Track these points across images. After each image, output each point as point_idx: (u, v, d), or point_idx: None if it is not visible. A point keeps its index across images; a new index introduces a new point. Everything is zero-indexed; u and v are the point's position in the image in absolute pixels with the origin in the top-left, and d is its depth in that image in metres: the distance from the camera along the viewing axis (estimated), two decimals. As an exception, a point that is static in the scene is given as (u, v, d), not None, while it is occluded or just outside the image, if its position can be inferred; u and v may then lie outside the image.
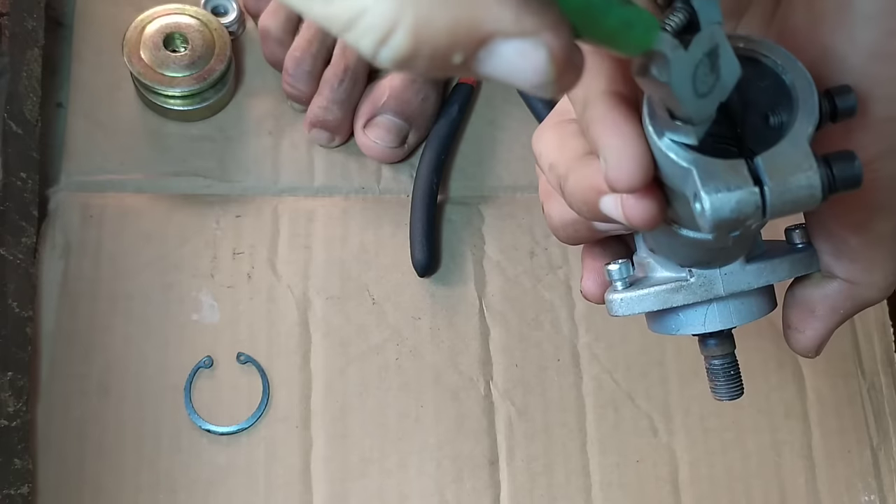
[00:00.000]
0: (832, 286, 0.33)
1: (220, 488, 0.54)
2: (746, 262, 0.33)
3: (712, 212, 0.25)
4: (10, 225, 0.54)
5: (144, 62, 0.58)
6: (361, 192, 0.61)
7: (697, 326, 0.35)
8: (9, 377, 0.51)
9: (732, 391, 0.38)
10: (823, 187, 0.25)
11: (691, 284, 0.33)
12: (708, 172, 0.25)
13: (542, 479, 0.56)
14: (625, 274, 0.34)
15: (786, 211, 0.25)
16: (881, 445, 0.59)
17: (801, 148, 0.25)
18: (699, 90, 0.25)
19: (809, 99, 0.26)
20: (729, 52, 0.25)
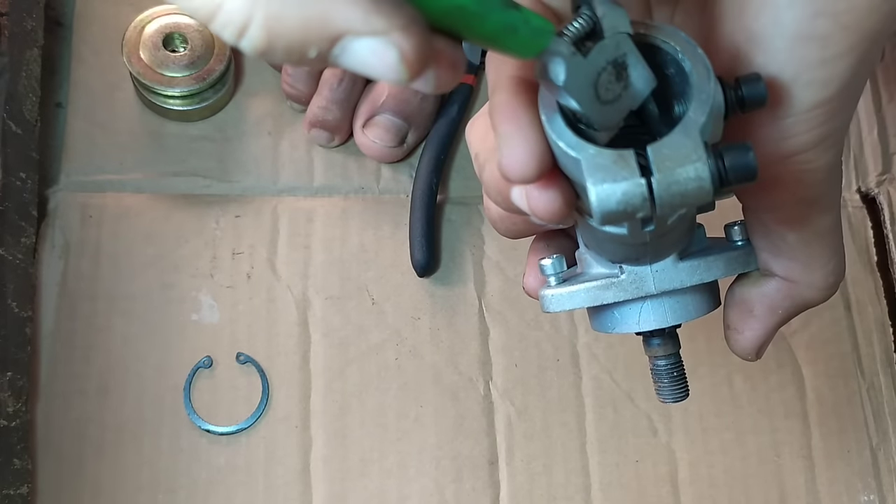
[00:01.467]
0: (771, 285, 0.32)
1: (220, 488, 0.54)
2: (680, 259, 0.32)
3: (598, 203, 0.24)
4: (9, 225, 0.54)
5: (144, 62, 0.58)
6: (361, 191, 0.61)
7: (632, 325, 0.33)
8: (8, 377, 0.51)
9: (677, 393, 0.36)
10: (713, 179, 0.24)
11: (622, 281, 0.32)
12: (596, 163, 0.24)
13: (542, 479, 0.56)
14: (557, 269, 0.33)
15: (676, 204, 0.25)
16: (880, 445, 0.59)
17: (692, 138, 0.24)
18: (602, 97, 0.25)
19: (705, 87, 0.25)
20: (640, 62, 0.25)
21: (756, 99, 0.26)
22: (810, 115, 0.27)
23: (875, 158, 0.66)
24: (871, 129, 0.67)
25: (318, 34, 0.20)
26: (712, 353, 0.60)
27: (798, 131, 0.27)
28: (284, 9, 0.20)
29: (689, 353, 0.59)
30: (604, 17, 0.24)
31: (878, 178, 0.66)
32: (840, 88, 0.26)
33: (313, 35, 0.20)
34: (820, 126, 0.27)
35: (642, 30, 0.26)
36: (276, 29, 0.20)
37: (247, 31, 0.20)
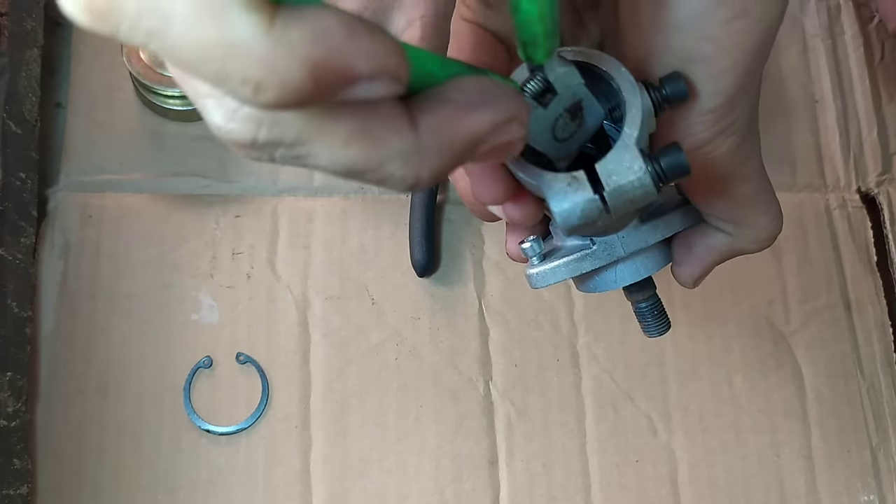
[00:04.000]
0: (714, 237, 0.37)
1: (220, 488, 0.54)
2: (641, 222, 0.36)
3: (563, 221, 0.28)
4: (9, 225, 0.54)
5: (144, 62, 0.58)
6: (360, 192, 0.61)
7: (611, 284, 0.38)
8: (8, 377, 0.51)
9: (661, 327, 0.41)
10: (655, 183, 0.28)
11: (595, 251, 0.36)
12: (554, 188, 0.28)
13: (542, 479, 0.56)
14: (537, 250, 0.37)
15: (629, 208, 0.28)
16: (880, 445, 0.59)
17: (630, 151, 0.28)
18: (559, 137, 0.29)
19: (634, 102, 0.28)
20: (593, 102, 0.29)
21: (678, 95, 0.29)
22: (704, 119, 0.31)
23: (875, 158, 0.66)
24: (870, 130, 0.67)
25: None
26: (712, 353, 0.60)
27: (696, 131, 0.31)
28: None
29: (689, 354, 0.59)
30: (556, 79, 0.27)
31: (877, 178, 0.66)
32: (728, 97, 0.30)
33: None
34: (714, 125, 0.31)
35: (580, 57, 0.29)
36: (441, 171, 0.22)
37: (418, 185, 0.22)
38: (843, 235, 0.64)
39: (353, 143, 0.21)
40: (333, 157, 0.21)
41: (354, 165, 0.21)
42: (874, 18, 0.70)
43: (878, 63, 0.69)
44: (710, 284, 0.61)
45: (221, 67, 0.18)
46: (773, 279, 0.62)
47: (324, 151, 0.21)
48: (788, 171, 0.65)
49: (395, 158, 0.21)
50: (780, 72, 0.68)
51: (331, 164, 0.21)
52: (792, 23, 0.70)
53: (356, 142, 0.21)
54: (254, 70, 0.18)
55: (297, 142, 0.20)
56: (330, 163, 0.21)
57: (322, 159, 0.21)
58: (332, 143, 0.21)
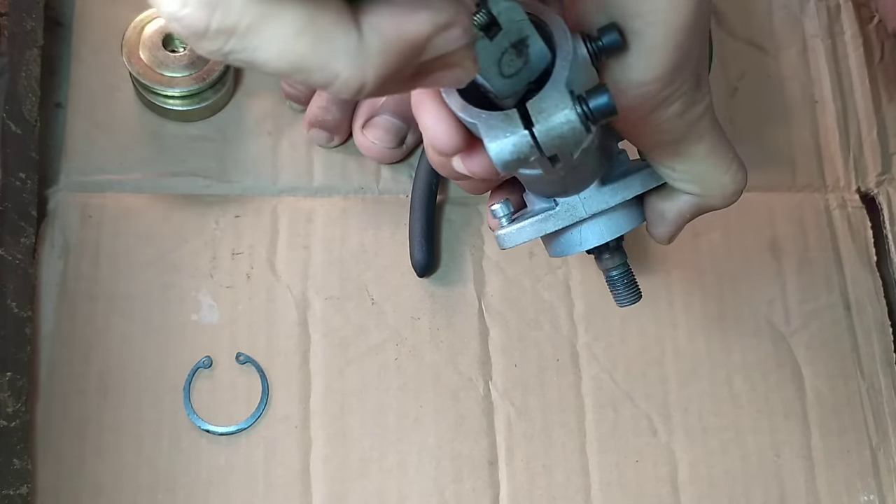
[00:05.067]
0: (679, 198, 0.38)
1: (220, 488, 0.54)
2: (602, 184, 0.37)
3: (495, 155, 0.30)
4: (9, 225, 0.54)
5: (144, 62, 0.58)
6: (360, 192, 0.61)
7: (577, 246, 0.39)
8: (8, 377, 0.51)
9: (631, 296, 0.42)
10: (582, 121, 0.29)
11: (557, 212, 0.38)
12: (489, 125, 0.30)
13: (542, 479, 0.56)
14: (505, 212, 0.39)
15: (560, 145, 0.30)
16: (880, 446, 0.59)
17: (559, 90, 0.29)
18: (505, 72, 0.30)
19: (564, 46, 0.30)
20: (538, 42, 0.30)
21: (613, 45, 0.30)
22: (645, 90, 0.32)
23: (874, 158, 0.66)
24: (870, 130, 0.67)
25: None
26: (712, 354, 0.60)
27: (640, 101, 0.33)
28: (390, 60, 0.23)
29: (689, 354, 0.59)
30: (499, 13, 0.28)
31: (877, 179, 0.66)
32: (665, 69, 0.32)
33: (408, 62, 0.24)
34: (656, 94, 0.32)
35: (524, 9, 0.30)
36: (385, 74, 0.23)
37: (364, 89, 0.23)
38: (842, 235, 0.64)
39: (302, 35, 0.21)
40: (282, 50, 0.21)
41: (301, 60, 0.22)
42: (874, 18, 0.70)
43: (877, 63, 0.69)
44: (710, 285, 0.61)
45: None
46: (773, 279, 0.62)
47: (273, 43, 0.21)
48: (788, 171, 0.65)
49: (341, 56, 0.22)
50: (780, 72, 0.68)
51: (278, 59, 0.22)
52: (792, 23, 0.70)
53: (304, 34, 0.21)
54: None
55: (249, 29, 0.21)
56: (278, 57, 0.22)
57: (271, 52, 0.21)
58: (283, 33, 0.21)
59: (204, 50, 0.21)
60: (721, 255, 0.62)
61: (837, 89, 0.68)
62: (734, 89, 0.67)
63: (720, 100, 0.66)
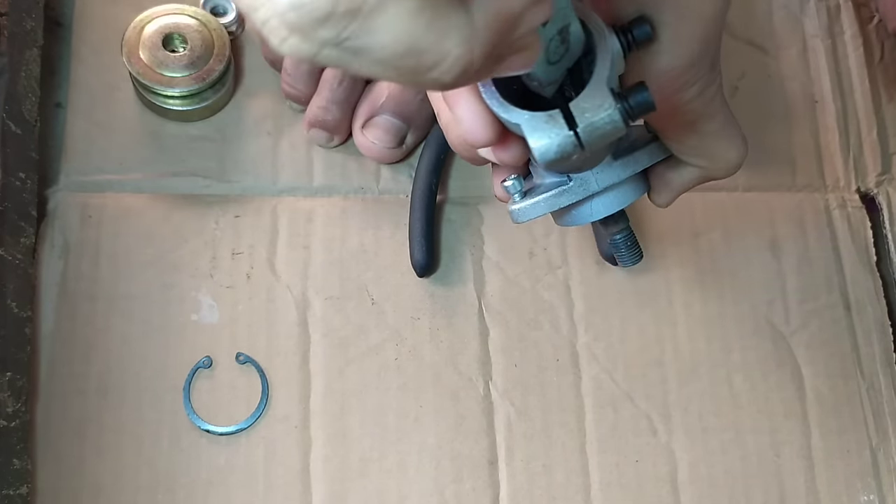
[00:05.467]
0: (687, 170, 0.40)
1: (220, 488, 0.54)
2: (613, 159, 0.39)
3: (540, 156, 0.31)
4: (9, 225, 0.54)
5: (143, 62, 0.58)
6: (360, 192, 0.61)
7: (587, 217, 0.41)
8: (8, 377, 0.51)
9: (634, 257, 0.44)
10: (624, 118, 0.30)
11: (571, 187, 0.39)
12: (532, 126, 0.31)
13: (542, 479, 0.56)
14: (518, 188, 0.40)
15: (601, 142, 0.31)
16: (880, 445, 0.59)
17: (601, 90, 0.30)
18: (551, 59, 0.31)
19: (604, 46, 0.31)
20: (577, 27, 0.30)
21: (644, 37, 0.31)
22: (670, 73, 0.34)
23: (874, 158, 0.66)
24: (870, 130, 0.67)
25: None
26: (712, 354, 0.60)
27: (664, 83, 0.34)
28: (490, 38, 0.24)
29: (689, 354, 0.59)
30: None
31: (877, 179, 0.66)
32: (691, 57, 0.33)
33: None
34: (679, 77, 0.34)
35: None
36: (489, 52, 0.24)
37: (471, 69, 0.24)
38: (842, 235, 0.64)
39: (420, 13, 0.22)
40: (399, 31, 0.22)
41: (416, 40, 0.22)
42: (874, 18, 0.70)
43: (877, 63, 0.69)
44: (710, 284, 0.61)
45: None
46: (773, 279, 0.62)
47: (393, 23, 0.22)
48: (788, 171, 0.65)
49: (453, 34, 0.23)
50: (780, 72, 0.68)
51: (395, 41, 0.22)
52: (792, 23, 0.70)
53: (423, 12, 0.22)
54: None
55: (374, 9, 0.21)
56: (395, 39, 0.22)
57: (389, 34, 0.22)
58: (403, 12, 0.22)
59: (314, 40, 0.21)
60: (721, 254, 0.62)
61: (837, 89, 0.68)
62: (734, 89, 0.67)
63: (720, 100, 0.66)
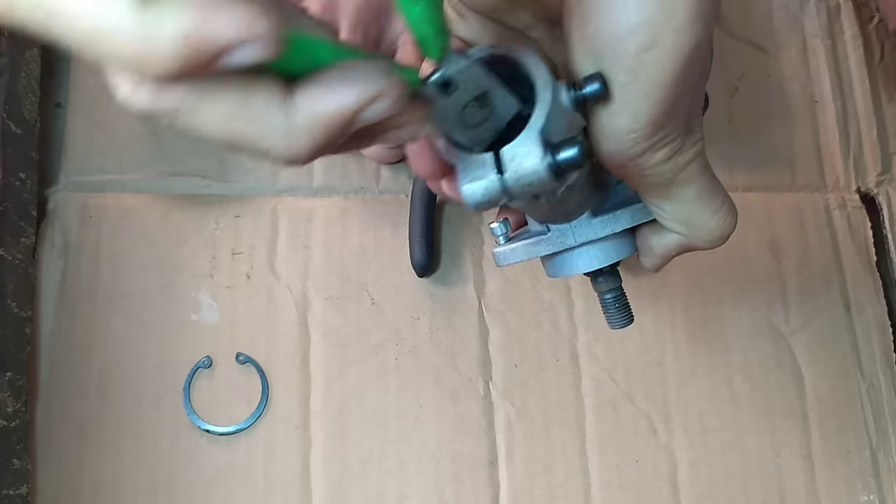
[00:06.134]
0: (668, 236, 0.39)
1: (220, 488, 0.54)
2: (594, 215, 0.39)
3: (466, 196, 0.31)
4: (9, 225, 0.54)
5: (143, 62, 0.58)
6: (360, 192, 0.61)
7: (569, 270, 0.41)
8: (7, 377, 0.51)
9: (623, 320, 0.43)
10: (551, 172, 0.30)
11: (549, 237, 0.39)
12: (464, 167, 0.31)
13: (542, 479, 0.56)
14: (503, 231, 0.41)
15: (528, 191, 0.31)
16: (880, 445, 0.59)
17: (532, 140, 0.30)
18: (470, 123, 0.31)
19: (543, 96, 0.31)
20: (504, 94, 0.31)
21: (596, 94, 0.31)
22: (629, 137, 0.32)
23: (874, 158, 0.66)
24: (870, 130, 0.67)
25: None
26: (712, 354, 0.60)
27: (625, 147, 0.33)
28: None
29: (689, 354, 0.59)
30: (455, 73, 0.30)
31: (877, 179, 0.66)
32: (648, 120, 0.32)
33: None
34: (640, 142, 0.33)
35: (505, 51, 0.32)
36: (315, 146, 0.25)
37: (297, 160, 0.25)
38: (842, 235, 0.64)
39: (234, 117, 0.24)
40: (218, 129, 0.24)
41: (235, 138, 0.24)
42: (874, 18, 0.70)
43: (877, 63, 0.69)
44: (710, 285, 0.61)
45: (105, 49, 0.21)
46: (773, 279, 0.62)
47: (209, 123, 0.24)
48: (788, 171, 0.65)
49: (271, 134, 0.24)
50: (780, 72, 0.68)
51: (216, 135, 0.24)
52: (792, 23, 0.70)
53: (236, 116, 0.24)
54: (132, 47, 0.20)
55: (190, 112, 0.23)
56: (215, 133, 0.24)
57: (209, 130, 0.24)
58: (217, 115, 0.24)
59: (161, 123, 0.24)
60: (721, 255, 0.62)
61: (837, 89, 0.68)
62: (734, 89, 0.67)
63: (720, 100, 0.66)
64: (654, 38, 0.30)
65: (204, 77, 0.23)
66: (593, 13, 0.30)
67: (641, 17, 0.29)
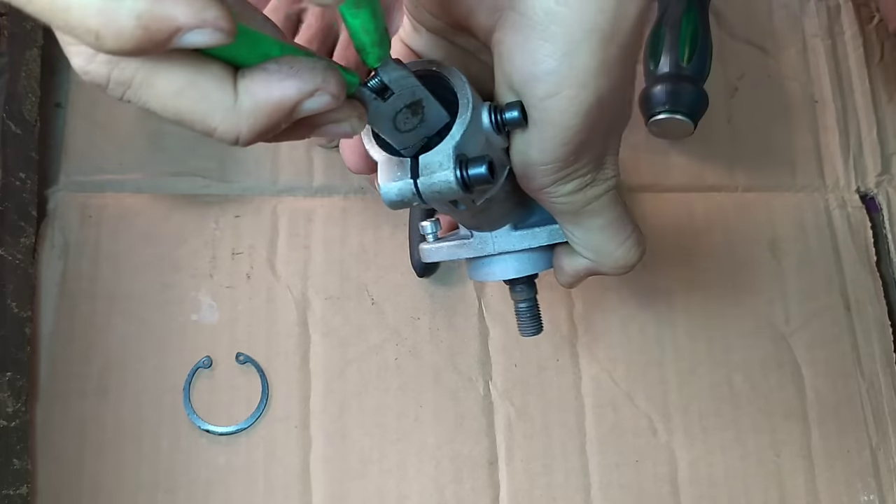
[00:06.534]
0: (578, 259, 0.41)
1: (219, 488, 0.54)
2: (514, 229, 0.42)
3: (383, 194, 0.34)
4: (9, 225, 0.54)
5: (143, 62, 0.58)
6: (360, 192, 0.61)
7: (488, 276, 0.43)
8: (8, 377, 0.51)
9: (531, 328, 0.46)
10: (459, 183, 0.33)
11: (471, 243, 0.42)
12: (385, 167, 0.34)
13: (542, 479, 0.56)
14: (432, 230, 0.43)
15: (438, 197, 0.33)
16: (880, 445, 0.59)
17: (446, 151, 0.33)
18: (401, 128, 0.34)
19: (463, 113, 0.33)
20: (436, 105, 0.34)
21: (513, 120, 0.33)
22: (540, 169, 0.35)
23: (874, 158, 0.66)
24: (870, 130, 0.67)
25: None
26: (712, 354, 0.60)
27: (536, 176, 0.35)
28: None
29: (689, 354, 0.59)
30: (391, 80, 0.32)
31: (877, 179, 0.66)
32: (556, 158, 0.34)
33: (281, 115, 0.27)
34: (549, 175, 0.35)
35: (436, 67, 0.34)
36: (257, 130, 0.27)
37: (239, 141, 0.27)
38: (842, 235, 0.64)
39: (183, 93, 0.25)
40: (166, 103, 0.25)
41: (182, 113, 0.26)
42: (874, 18, 0.70)
43: (877, 63, 0.69)
44: (710, 284, 0.61)
45: (67, 19, 0.22)
46: (773, 279, 0.62)
47: (159, 97, 0.25)
48: (788, 171, 0.65)
49: (217, 113, 0.26)
50: (780, 72, 0.68)
51: (164, 110, 0.26)
52: (792, 23, 0.70)
53: (185, 92, 0.25)
54: (92, 21, 0.22)
55: (141, 84, 0.25)
56: (163, 108, 0.26)
57: (157, 103, 0.25)
58: (168, 90, 0.25)
59: (108, 93, 0.26)
60: (721, 255, 0.62)
61: (837, 89, 0.68)
62: (734, 89, 0.67)
63: (720, 100, 0.66)
64: (557, 86, 0.31)
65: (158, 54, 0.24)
66: (510, 54, 0.32)
67: (547, 67, 0.31)
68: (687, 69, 0.61)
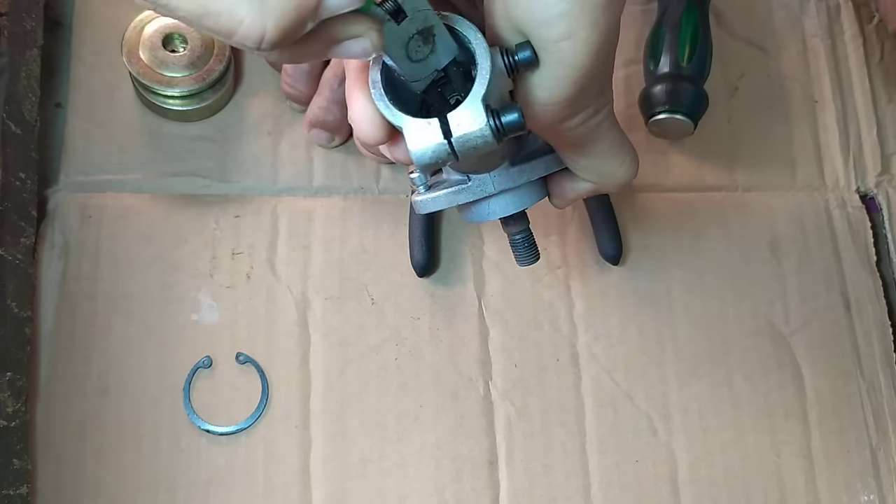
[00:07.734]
0: (580, 183, 0.43)
1: (220, 488, 0.54)
2: (511, 165, 0.42)
3: (416, 158, 0.34)
4: (8, 225, 0.54)
5: (143, 62, 0.58)
6: (360, 192, 0.61)
7: (486, 216, 0.44)
8: (8, 377, 0.51)
9: (530, 257, 0.46)
10: (494, 135, 0.33)
11: (470, 187, 0.42)
12: (412, 130, 0.34)
13: (542, 479, 0.56)
14: (423, 181, 0.43)
15: (472, 153, 0.34)
16: (880, 445, 0.59)
17: (476, 106, 0.33)
18: (412, 57, 0.34)
19: (484, 64, 0.33)
20: (445, 34, 0.34)
21: (527, 61, 0.34)
22: (549, 108, 0.36)
23: (874, 158, 0.66)
24: (870, 130, 0.67)
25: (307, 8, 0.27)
26: (712, 353, 0.60)
27: (546, 115, 0.36)
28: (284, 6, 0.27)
29: (689, 354, 0.59)
30: (405, 2, 0.32)
31: (877, 179, 0.66)
32: (566, 96, 0.35)
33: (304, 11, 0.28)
34: (559, 112, 0.36)
35: (444, 20, 0.34)
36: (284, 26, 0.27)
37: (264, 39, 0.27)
38: (842, 235, 0.64)
39: None
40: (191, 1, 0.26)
41: (207, 10, 0.26)
42: (874, 18, 0.70)
43: (877, 63, 0.69)
44: (710, 284, 0.61)
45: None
46: (773, 279, 0.62)
47: None
48: (788, 171, 0.65)
49: (244, 5, 0.26)
50: (780, 72, 0.68)
51: (189, 7, 0.26)
52: (792, 23, 0.70)
53: None
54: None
55: None
56: (189, 4, 0.26)
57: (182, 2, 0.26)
58: None
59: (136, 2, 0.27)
60: (721, 255, 0.62)
61: (837, 89, 0.68)
62: (734, 89, 0.67)
63: (720, 100, 0.66)
64: (570, 28, 0.32)
65: None
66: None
67: (559, 10, 0.32)
68: (687, 69, 0.61)
